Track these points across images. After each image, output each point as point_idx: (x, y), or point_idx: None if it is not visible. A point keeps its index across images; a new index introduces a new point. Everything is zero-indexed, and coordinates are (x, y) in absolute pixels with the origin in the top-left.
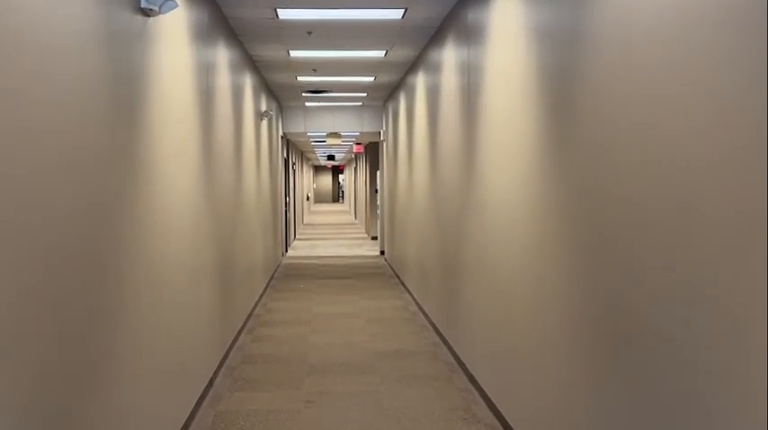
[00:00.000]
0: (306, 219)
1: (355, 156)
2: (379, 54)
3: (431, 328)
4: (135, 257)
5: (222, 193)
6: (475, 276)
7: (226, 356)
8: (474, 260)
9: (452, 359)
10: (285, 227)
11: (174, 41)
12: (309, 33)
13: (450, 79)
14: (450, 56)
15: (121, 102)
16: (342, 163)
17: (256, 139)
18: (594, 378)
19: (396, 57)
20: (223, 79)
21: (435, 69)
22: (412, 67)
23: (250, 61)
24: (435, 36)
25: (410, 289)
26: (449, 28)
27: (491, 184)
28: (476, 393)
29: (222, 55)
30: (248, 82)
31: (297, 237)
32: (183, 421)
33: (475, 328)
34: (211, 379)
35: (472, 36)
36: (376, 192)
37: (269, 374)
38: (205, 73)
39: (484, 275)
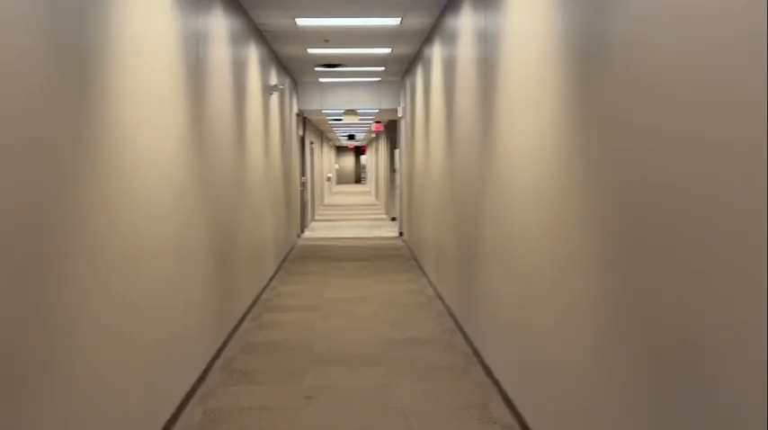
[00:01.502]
0: (326, 200)
1: (375, 135)
2: (395, 21)
3: (447, 314)
4: (97, 242)
5: (219, 172)
6: (493, 260)
7: (224, 346)
8: (492, 243)
9: (469, 349)
10: (302, 207)
11: (148, 4)
12: None
13: (466, 48)
14: (466, 23)
15: (69, 70)
16: (363, 143)
17: (264, 116)
18: (629, 383)
19: (412, 24)
20: (219, 49)
21: (451, 39)
22: (428, 37)
23: (255, 30)
24: (451, 1)
25: (427, 272)
26: None
27: (510, 162)
28: (493, 388)
29: (218, 22)
30: (254, 53)
31: (315, 218)
32: (166, 419)
33: (492, 317)
34: (204, 371)
35: (489, 0)
36: (394, 171)
37: (269, 365)
38: (194, 42)
39: (502, 260)
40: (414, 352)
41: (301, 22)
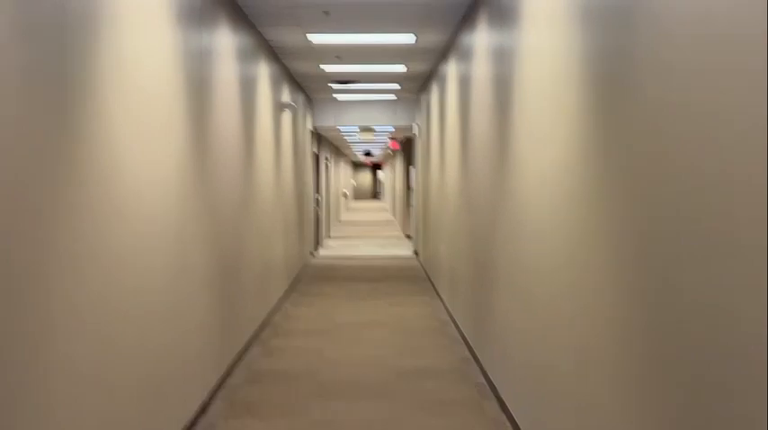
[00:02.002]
0: (342, 217)
1: (392, 152)
2: (409, 39)
3: (461, 341)
4: (76, 277)
5: (224, 193)
6: (506, 289)
7: (228, 374)
8: (506, 270)
9: (483, 379)
10: (316, 225)
11: (145, 24)
12: (327, 13)
13: (481, 66)
14: (481, 40)
15: (47, 92)
16: (381, 159)
17: (276, 133)
18: (655, 427)
19: (427, 42)
20: (226, 66)
21: (466, 56)
22: (444, 54)
23: (267, 47)
24: (467, 18)
25: (441, 294)
26: (480, 8)
27: (525, 185)
28: (508, 426)
29: (225, 39)
30: (264, 70)
31: (330, 235)
32: None
33: (507, 348)
34: (205, 403)
35: (505, 17)
36: (410, 189)
37: (273, 397)
38: (198, 59)
39: (518, 285)
40: (426, 383)
41: (314, 38)
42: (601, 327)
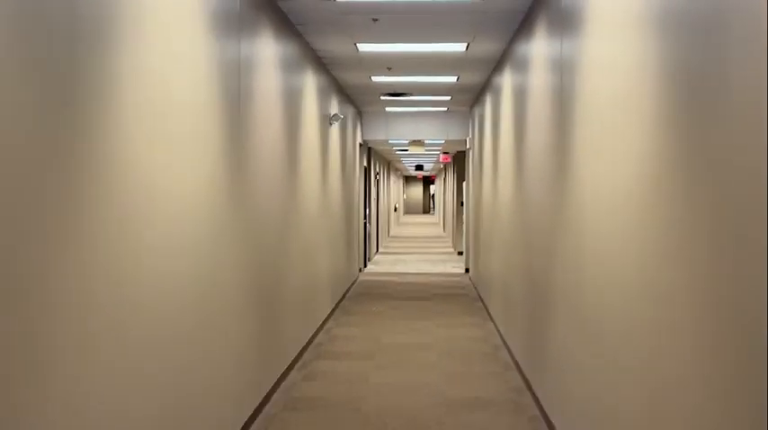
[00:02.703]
0: (392, 231)
1: (443, 166)
2: (460, 47)
3: (514, 368)
4: (83, 285)
5: (264, 210)
6: (568, 314)
7: (266, 400)
8: (567, 294)
9: (538, 412)
10: (365, 240)
11: (173, 30)
12: (375, 20)
13: (539, 77)
14: (539, 49)
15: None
16: (432, 173)
17: (322, 146)
18: None
19: (479, 51)
20: (268, 78)
21: (522, 66)
22: (498, 64)
23: (313, 57)
24: (524, 25)
25: (493, 316)
26: (539, 14)
27: (590, 202)
28: None
29: (267, 48)
30: (311, 81)
31: (379, 250)
32: None
33: (566, 377)
34: None
35: (567, 24)
36: (462, 204)
37: (312, 429)
38: (235, 71)
39: (580, 315)
40: (475, 416)
41: (363, 48)
42: (681, 375)
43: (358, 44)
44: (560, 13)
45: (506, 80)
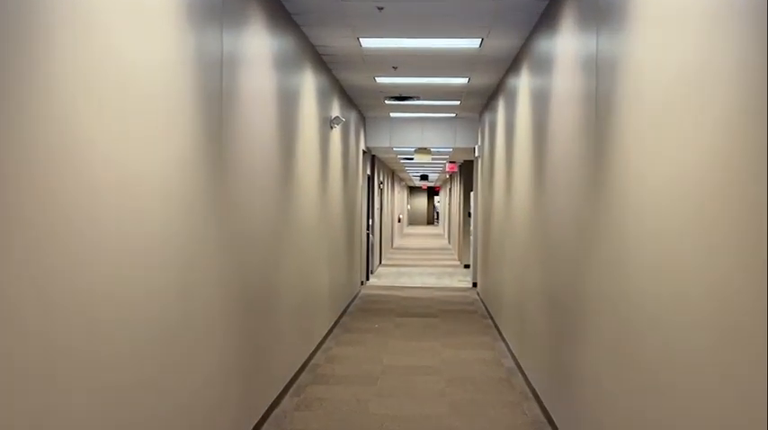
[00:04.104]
0: (396, 243)
1: (449, 175)
2: (473, 44)
3: (531, 397)
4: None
5: (250, 215)
6: (602, 332)
7: None
8: (601, 309)
9: None
10: (368, 252)
11: (132, 22)
12: (380, 9)
13: (566, 79)
14: (566, 46)
15: None
16: (437, 184)
17: (322, 152)
18: None
19: (494, 48)
20: (259, 74)
21: (544, 66)
22: (513, 63)
23: (313, 53)
24: (545, 17)
25: (505, 335)
26: (566, 3)
27: (636, 211)
28: None
29: (257, 41)
30: (310, 81)
31: (383, 262)
32: None
33: (600, 415)
34: None
35: (606, 15)
36: (469, 215)
37: None
38: (216, 67)
39: (621, 343)
40: None
41: (366, 43)
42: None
43: (361, 38)
44: (596, 1)
45: (523, 82)
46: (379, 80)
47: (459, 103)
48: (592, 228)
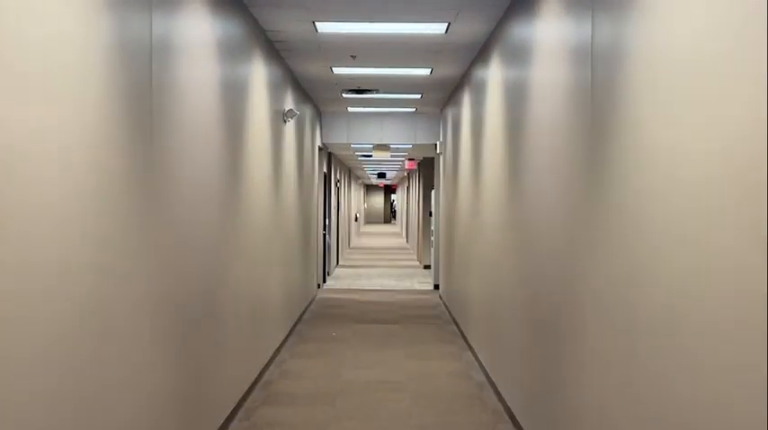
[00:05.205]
0: (353, 242)
1: (408, 173)
2: (439, 29)
3: (506, 417)
4: None
5: (189, 221)
6: (606, 342)
7: None
8: (598, 326)
9: None
10: (324, 253)
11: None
12: None
13: (549, 69)
14: (551, 31)
15: None
16: (394, 182)
17: (275, 148)
18: None
19: (461, 34)
20: (198, 64)
21: (521, 54)
22: (481, 52)
23: (264, 40)
24: None
25: (473, 344)
26: None
27: (649, 217)
28: None
29: (195, 24)
30: (261, 70)
31: (340, 263)
32: None
33: None
34: None
35: None
36: (430, 215)
37: None
38: (142, 54)
39: (634, 360)
40: None
41: (323, 27)
42: None
43: (317, 23)
44: None
45: (494, 73)
46: (337, 71)
47: (420, 96)
48: (587, 231)
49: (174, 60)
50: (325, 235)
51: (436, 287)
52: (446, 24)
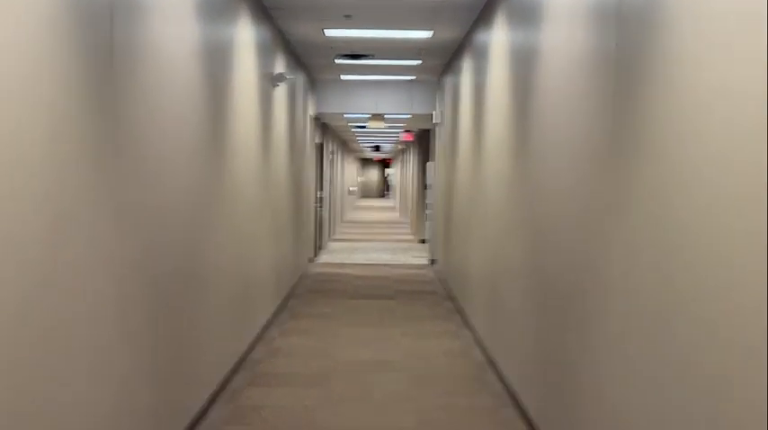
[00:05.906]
0: (347, 216)
1: (404, 146)
2: None
3: (509, 401)
4: None
5: (169, 190)
6: (624, 325)
7: None
8: (626, 305)
9: None
10: (318, 226)
11: None
12: None
13: (564, 31)
14: None
15: None
16: (389, 155)
17: (263, 113)
18: None
19: None
20: (172, 23)
21: (529, 15)
22: (483, 12)
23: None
24: None
25: (472, 320)
26: None
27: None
28: None
29: None
30: (248, 31)
31: (334, 237)
32: None
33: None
34: None
35: None
36: (426, 188)
37: None
38: (106, 15)
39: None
40: None
41: None
42: None
43: None
44: None
45: (498, 36)
46: (329, 33)
47: (419, 62)
48: (609, 197)
49: (140, 19)
50: (317, 207)
51: (432, 262)
52: None
